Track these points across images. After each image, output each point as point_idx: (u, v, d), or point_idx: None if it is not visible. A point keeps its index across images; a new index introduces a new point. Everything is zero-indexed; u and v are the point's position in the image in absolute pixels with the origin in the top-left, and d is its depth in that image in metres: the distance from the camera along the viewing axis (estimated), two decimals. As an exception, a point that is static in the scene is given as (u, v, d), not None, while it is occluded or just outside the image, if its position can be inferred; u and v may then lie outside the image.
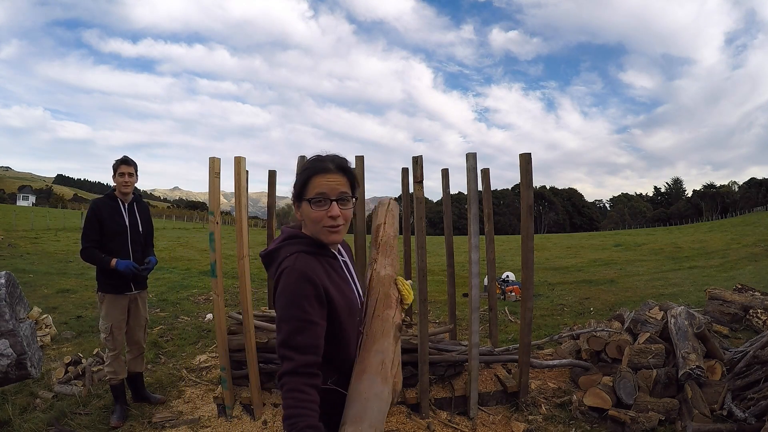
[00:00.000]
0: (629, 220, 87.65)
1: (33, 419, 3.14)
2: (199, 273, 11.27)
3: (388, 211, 1.89)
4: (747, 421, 2.78)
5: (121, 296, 3.25)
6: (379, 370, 1.26)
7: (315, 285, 1.18)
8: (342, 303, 1.26)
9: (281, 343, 1.15)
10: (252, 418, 3.20)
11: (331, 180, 1.24)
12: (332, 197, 1.23)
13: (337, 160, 1.28)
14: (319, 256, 1.27)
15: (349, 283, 1.35)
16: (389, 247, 1.69)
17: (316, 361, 1.15)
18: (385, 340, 1.35)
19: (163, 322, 6.09)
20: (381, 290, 1.49)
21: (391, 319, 1.41)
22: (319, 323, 1.18)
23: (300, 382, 1.11)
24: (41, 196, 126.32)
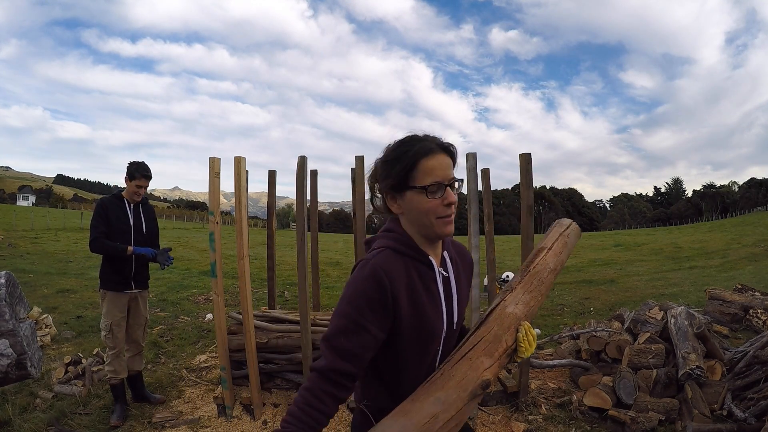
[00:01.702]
0: (629, 220, 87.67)
1: (33, 419, 3.14)
2: (199, 273, 11.27)
3: (562, 236, 1.46)
4: (747, 421, 2.78)
5: (122, 294, 3.27)
6: (424, 422, 0.99)
7: (383, 289, 1.02)
8: (414, 321, 1.07)
9: (324, 337, 1.05)
10: (252, 418, 3.21)
11: (441, 162, 1.05)
12: (445, 183, 1.05)
13: (437, 139, 1.09)
14: (408, 259, 1.10)
15: (437, 302, 1.12)
16: (539, 281, 1.29)
17: (350, 371, 1.01)
18: (457, 392, 1.04)
19: (163, 322, 6.09)
20: (494, 330, 1.15)
21: (481, 370, 1.08)
22: (372, 332, 1.02)
23: (321, 386, 1.00)
24: (41, 196, 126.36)
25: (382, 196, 1.14)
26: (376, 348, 1.05)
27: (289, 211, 77.05)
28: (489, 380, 1.09)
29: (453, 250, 1.23)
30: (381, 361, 1.11)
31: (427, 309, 1.09)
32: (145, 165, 3.34)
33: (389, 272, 1.04)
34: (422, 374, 1.12)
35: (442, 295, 1.13)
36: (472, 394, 1.06)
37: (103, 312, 3.26)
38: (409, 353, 1.10)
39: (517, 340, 1.15)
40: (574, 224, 1.53)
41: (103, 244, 3.17)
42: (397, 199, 1.10)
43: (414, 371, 1.12)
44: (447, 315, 1.13)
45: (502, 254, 15.80)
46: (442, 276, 1.15)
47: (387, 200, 1.13)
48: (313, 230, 4.73)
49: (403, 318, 1.05)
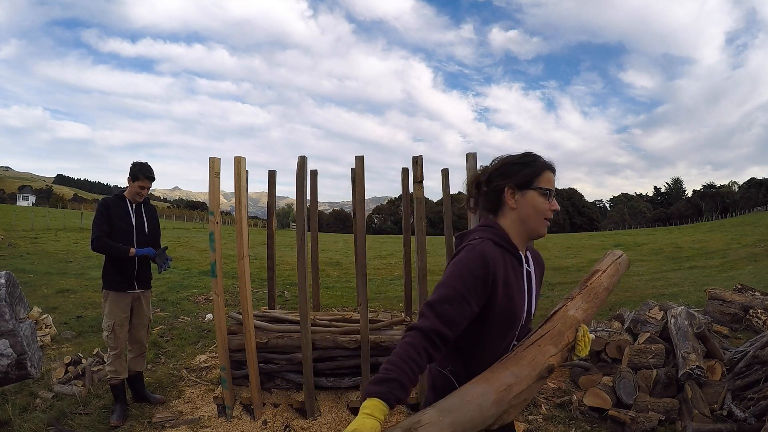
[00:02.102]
0: (629, 220, 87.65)
1: (33, 419, 3.14)
2: (199, 273, 11.27)
3: (615, 263, 1.72)
4: (747, 421, 2.78)
5: (125, 294, 3.27)
6: (501, 389, 1.16)
7: (487, 270, 1.20)
8: (504, 303, 1.25)
9: (428, 302, 1.17)
10: (252, 418, 3.21)
11: (551, 177, 1.33)
12: (552, 191, 1.32)
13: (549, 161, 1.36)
14: (505, 251, 1.29)
15: (522, 291, 1.32)
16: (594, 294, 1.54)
17: (447, 335, 1.15)
18: (528, 370, 1.22)
19: (163, 322, 6.09)
20: (558, 326, 1.35)
21: (547, 356, 1.26)
22: (472, 305, 1.18)
23: (421, 343, 1.11)
24: (41, 196, 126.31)
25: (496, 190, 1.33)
26: (470, 319, 1.20)
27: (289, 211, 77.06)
28: (553, 365, 1.26)
29: (532, 252, 1.43)
30: (466, 336, 1.27)
31: (515, 295, 1.28)
32: (148, 166, 3.35)
33: (493, 258, 1.22)
34: (498, 354, 1.28)
35: (525, 286, 1.33)
36: (540, 375, 1.23)
37: (105, 312, 3.27)
38: (493, 332, 1.28)
39: (576, 338, 1.32)
40: (624, 255, 1.80)
41: (106, 244, 3.17)
42: (517, 195, 1.31)
43: (492, 349, 1.29)
44: (527, 305, 1.33)
45: (502, 254, 15.78)
46: (527, 271, 1.34)
47: (506, 194, 1.32)
48: (313, 230, 4.73)
49: (497, 299, 1.23)
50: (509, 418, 1.19)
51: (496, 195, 1.34)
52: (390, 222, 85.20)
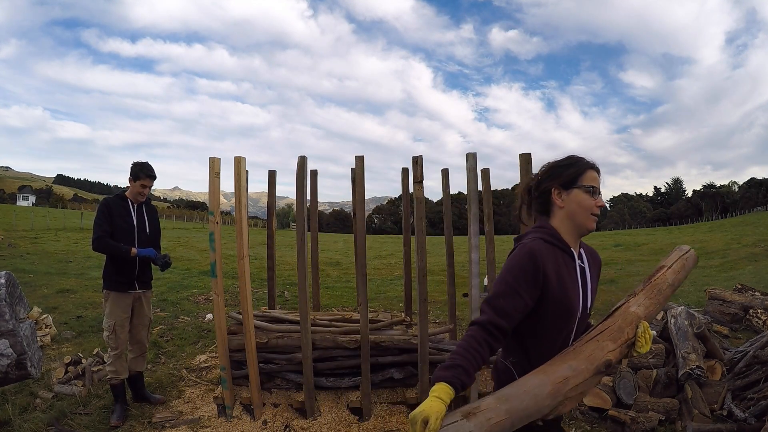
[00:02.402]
0: (629, 220, 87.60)
1: (33, 419, 3.14)
2: (199, 273, 11.27)
3: (681, 258, 1.68)
4: (747, 421, 2.78)
5: (126, 294, 3.27)
6: (558, 381, 1.22)
7: (536, 266, 1.29)
8: (557, 296, 1.32)
9: (486, 299, 1.31)
10: (252, 418, 3.21)
11: (595, 176, 1.42)
12: (596, 189, 1.40)
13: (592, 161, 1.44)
14: (556, 248, 1.38)
15: (577, 286, 1.38)
16: (658, 291, 1.54)
17: (505, 327, 1.26)
18: (586, 364, 1.26)
19: (163, 322, 6.08)
20: (618, 322, 1.38)
21: (606, 351, 1.29)
22: (525, 298, 1.28)
23: (482, 335, 1.24)
24: (41, 196, 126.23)
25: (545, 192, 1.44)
26: (525, 312, 1.30)
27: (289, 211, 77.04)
28: (611, 361, 1.29)
29: (587, 249, 1.51)
30: (526, 330, 1.36)
31: (569, 289, 1.35)
32: (149, 165, 3.36)
33: (542, 254, 1.32)
34: (557, 347, 1.36)
35: (579, 281, 1.40)
36: (597, 369, 1.27)
37: (106, 312, 3.26)
38: (550, 325, 1.36)
39: (636, 335, 1.36)
40: (692, 251, 1.75)
41: (107, 244, 3.17)
42: (563, 195, 1.40)
43: (550, 342, 1.37)
44: (582, 299, 1.40)
45: (502, 254, 15.72)
46: (580, 266, 1.42)
47: (553, 195, 1.42)
48: (313, 230, 4.73)
49: (551, 292, 1.31)
50: (565, 409, 1.26)
51: (545, 197, 1.45)
52: (390, 222, 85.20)
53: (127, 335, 3.32)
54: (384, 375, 3.43)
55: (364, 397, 3.20)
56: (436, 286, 8.83)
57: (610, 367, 1.29)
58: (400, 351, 3.44)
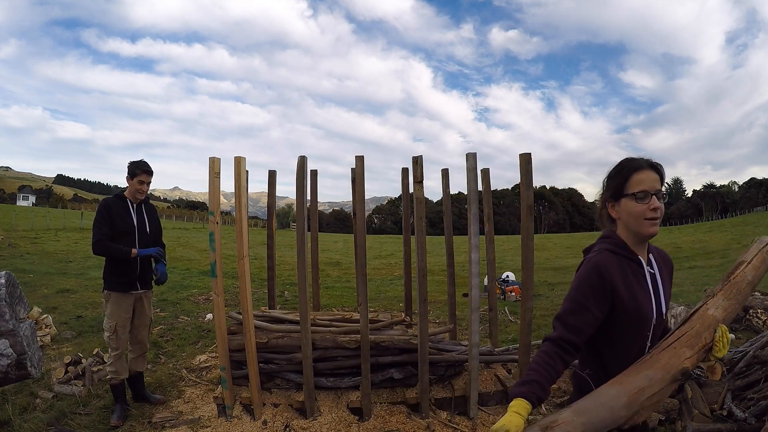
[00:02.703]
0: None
1: (33, 419, 3.14)
2: (199, 273, 11.27)
3: (762, 252, 1.57)
4: (747, 421, 2.78)
5: (127, 295, 3.27)
6: (634, 392, 1.24)
7: (603, 279, 1.32)
8: (629, 306, 1.33)
9: (557, 315, 1.36)
10: (252, 418, 3.21)
11: (649, 177, 1.34)
12: (651, 192, 1.32)
13: (647, 159, 1.38)
14: (623, 258, 1.38)
15: (647, 293, 1.37)
16: (737, 290, 1.46)
17: (576, 342, 1.31)
18: (662, 373, 1.27)
19: (163, 322, 6.09)
20: (696, 327, 1.34)
21: (682, 359, 1.29)
22: (594, 312, 1.31)
23: (554, 350, 1.30)
24: (41, 196, 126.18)
25: (603, 206, 1.45)
26: (595, 325, 1.33)
27: (289, 211, 77.01)
28: (688, 368, 1.29)
29: (657, 253, 1.48)
30: (601, 341, 1.39)
31: (639, 297, 1.35)
32: (144, 161, 3.37)
33: (607, 267, 1.33)
34: (632, 356, 1.35)
35: (650, 288, 1.38)
36: (673, 377, 1.28)
37: (107, 313, 3.26)
38: (624, 334, 1.37)
39: (713, 339, 1.32)
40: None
41: (107, 247, 3.17)
42: (615, 206, 1.40)
43: (625, 351, 1.37)
44: (655, 306, 1.38)
45: (502, 254, 15.80)
46: (650, 273, 1.41)
47: (608, 207, 1.43)
48: (313, 230, 4.73)
49: (621, 303, 1.32)
50: (640, 419, 1.26)
51: (605, 210, 1.46)
52: (390, 222, 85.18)
53: (128, 335, 3.32)
54: (384, 375, 3.43)
55: (364, 397, 3.20)
56: (436, 286, 8.83)
57: (687, 374, 1.30)
58: (400, 351, 3.44)
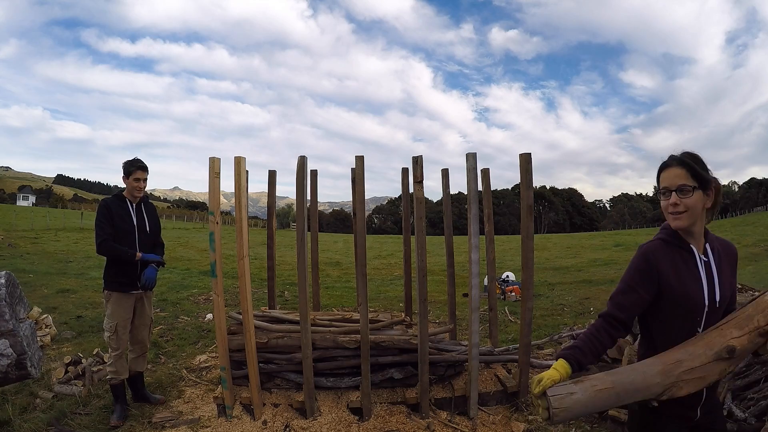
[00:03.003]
0: (629, 220, 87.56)
1: (33, 419, 3.14)
2: (199, 273, 11.27)
3: None
4: (747, 421, 2.77)
5: (128, 295, 3.27)
6: (670, 363, 1.33)
7: (649, 264, 1.46)
8: (677, 291, 1.44)
9: (611, 295, 1.52)
10: (252, 418, 3.21)
11: (671, 173, 1.45)
12: (672, 188, 1.43)
13: (680, 155, 1.47)
14: (674, 247, 1.49)
15: (698, 279, 1.45)
16: None
17: (623, 319, 1.46)
18: (703, 349, 1.34)
19: (163, 322, 6.09)
20: (748, 311, 1.39)
21: (728, 338, 1.34)
22: (640, 293, 1.46)
23: (602, 325, 1.47)
24: (41, 196, 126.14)
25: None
26: (642, 306, 1.48)
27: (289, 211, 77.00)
28: (734, 347, 1.32)
29: (717, 242, 1.55)
30: (653, 324, 1.52)
31: (687, 283, 1.44)
32: (137, 158, 3.36)
33: (655, 253, 1.48)
34: (681, 341, 1.45)
35: (703, 275, 1.46)
36: (717, 354, 1.32)
37: (107, 313, 3.26)
38: (672, 317, 1.48)
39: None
40: None
41: (112, 248, 3.17)
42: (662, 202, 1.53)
43: (674, 334, 1.47)
44: (708, 293, 1.45)
45: (502, 254, 15.80)
46: (703, 261, 1.48)
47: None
48: (313, 230, 4.73)
49: (667, 287, 1.44)
50: (680, 392, 1.33)
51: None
52: (390, 222, 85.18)
53: (128, 336, 3.32)
54: (384, 375, 3.43)
55: (364, 397, 3.20)
56: (436, 286, 8.83)
57: (734, 352, 1.32)
58: (400, 351, 3.44)
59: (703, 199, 1.44)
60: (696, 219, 1.44)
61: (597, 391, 1.29)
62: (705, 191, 1.43)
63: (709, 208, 1.49)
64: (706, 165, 1.46)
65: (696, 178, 1.42)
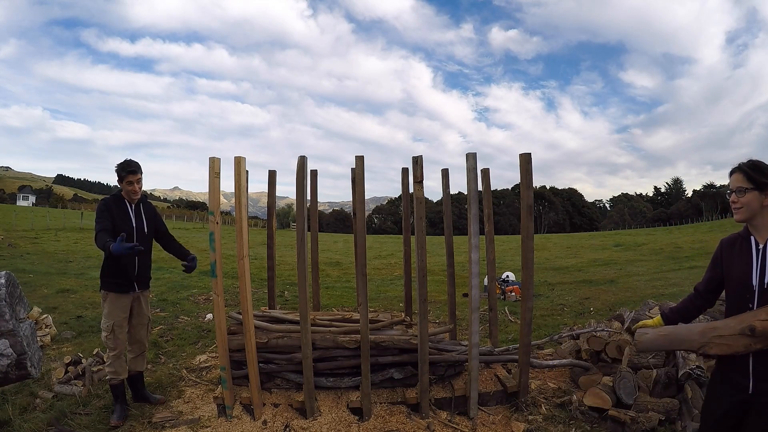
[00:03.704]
0: (629, 220, 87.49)
1: (33, 419, 3.14)
2: (199, 273, 11.26)
3: None
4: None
5: (124, 295, 3.26)
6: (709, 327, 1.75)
7: (718, 251, 1.93)
8: (730, 273, 1.84)
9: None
10: (252, 418, 3.21)
11: (733, 178, 1.82)
12: (732, 189, 1.81)
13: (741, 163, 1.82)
14: (742, 238, 1.85)
15: (749, 264, 1.77)
16: None
17: (701, 291, 2.01)
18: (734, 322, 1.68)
19: (163, 322, 6.09)
20: None
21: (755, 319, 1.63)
22: (711, 273, 1.96)
23: (690, 295, 2.08)
24: (41, 196, 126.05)
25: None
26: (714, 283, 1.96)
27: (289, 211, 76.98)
28: (755, 327, 1.61)
29: None
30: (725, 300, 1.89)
31: (739, 267, 1.80)
32: (128, 161, 3.28)
33: (725, 243, 1.91)
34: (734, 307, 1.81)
35: (755, 261, 1.75)
36: (741, 330, 1.63)
37: (104, 313, 3.25)
38: (731, 296, 1.86)
39: None
40: None
41: (101, 239, 3.02)
42: None
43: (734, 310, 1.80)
44: (758, 277, 1.73)
45: (502, 254, 15.80)
46: (758, 249, 1.77)
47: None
48: (313, 230, 4.73)
49: (727, 271, 1.86)
50: (710, 350, 1.72)
51: None
52: (390, 222, 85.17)
53: (125, 335, 3.32)
54: (384, 375, 3.43)
55: (364, 397, 3.20)
56: (436, 286, 8.83)
57: (754, 331, 1.60)
58: (400, 351, 3.44)
59: (760, 198, 1.74)
60: (753, 214, 1.76)
61: (659, 335, 1.86)
62: (762, 191, 1.73)
63: None
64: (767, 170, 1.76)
65: (751, 181, 1.75)
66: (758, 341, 1.55)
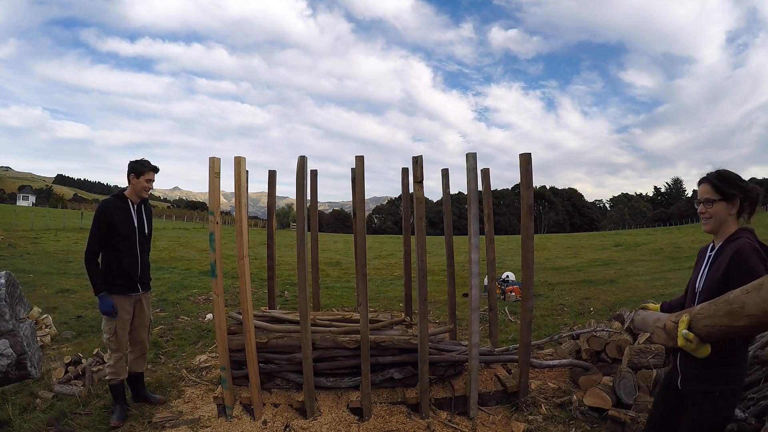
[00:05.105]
0: (629, 220, 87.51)
1: (33, 419, 3.14)
2: (199, 273, 11.27)
3: None
4: (747, 421, 2.77)
5: (127, 297, 3.27)
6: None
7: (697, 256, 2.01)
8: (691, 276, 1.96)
9: None
10: (252, 418, 3.21)
11: (701, 189, 1.87)
12: (700, 200, 1.86)
13: (708, 174, 1.87)
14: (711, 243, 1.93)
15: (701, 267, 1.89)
16: None
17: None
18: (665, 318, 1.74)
19: (163, 322, 6.09)
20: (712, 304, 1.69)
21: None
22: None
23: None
24: (41, 196, 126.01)
25: None
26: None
27: (289, 211, 76.99)
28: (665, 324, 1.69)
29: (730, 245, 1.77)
30: None
31: (695, 271, 1.92)
32: (147, 159, 3.37)
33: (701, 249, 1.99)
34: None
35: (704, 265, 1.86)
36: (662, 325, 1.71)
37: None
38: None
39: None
40: None
41: (91, 268, 3.17)
42: None
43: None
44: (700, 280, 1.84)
45: (502, 254, 15.80)
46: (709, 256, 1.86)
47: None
48: (313, 230, 4.73)
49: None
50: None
51: None
52: (390, 222, 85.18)
53: (127, 337, 3.32)
54: (384, 375, 3.43)
55: (364, 397, 3.20)
56: (436, 286, 8.83)
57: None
58: (400, 351, 3.44)
59: (727, 208, 1.78)
60: (721, 223, 1.81)
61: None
62: (729, 202, 1.77)
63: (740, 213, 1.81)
64: (734, 181, 1.79)
65: (719, 192, 1.79)
66: (669, 339, 1.66)
